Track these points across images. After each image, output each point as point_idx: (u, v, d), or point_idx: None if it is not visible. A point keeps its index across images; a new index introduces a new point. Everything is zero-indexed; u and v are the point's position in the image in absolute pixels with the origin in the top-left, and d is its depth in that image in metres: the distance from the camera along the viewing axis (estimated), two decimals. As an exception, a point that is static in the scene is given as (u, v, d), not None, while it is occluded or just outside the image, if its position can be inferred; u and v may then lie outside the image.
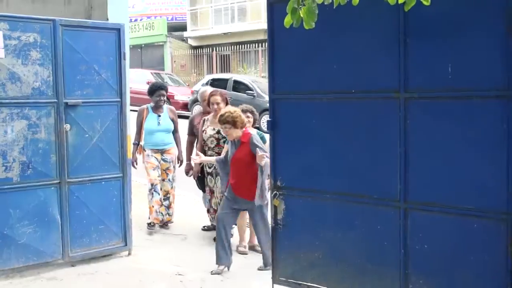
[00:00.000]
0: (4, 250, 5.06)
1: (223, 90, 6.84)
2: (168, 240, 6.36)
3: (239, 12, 27.64)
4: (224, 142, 6.14)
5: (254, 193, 5.21)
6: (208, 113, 6.51)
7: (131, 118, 6.02)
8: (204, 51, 27.97)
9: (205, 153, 6.20)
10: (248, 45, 26.02)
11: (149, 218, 6.60)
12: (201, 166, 6.42)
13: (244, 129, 5.36)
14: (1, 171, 5.02)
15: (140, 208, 6.85)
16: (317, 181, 4.22)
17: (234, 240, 5.95)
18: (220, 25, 28.18)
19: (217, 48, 27.05)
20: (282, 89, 4.37)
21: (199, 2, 29.06)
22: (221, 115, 5.33)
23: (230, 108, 5.53)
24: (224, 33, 27.79)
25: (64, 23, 5.31)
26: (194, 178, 6.60)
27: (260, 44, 25.47)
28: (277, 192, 4.41)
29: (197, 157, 5.79)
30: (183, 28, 29.63)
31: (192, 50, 28.78)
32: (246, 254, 5.95)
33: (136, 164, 6.76)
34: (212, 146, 6.28)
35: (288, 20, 3.42)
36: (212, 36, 28.39)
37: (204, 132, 6.33)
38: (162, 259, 5.68)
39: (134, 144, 6.69)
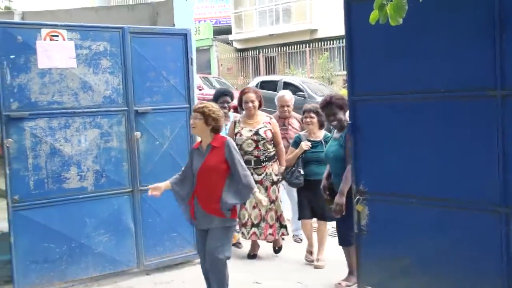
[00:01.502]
0: (82, 259, 5.07)
1: (255, 88, 6.35)
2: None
3: (283, 13, 27.51)
4: (263, 144, 5.71)
5: (218, 208, 4.30)
6: (284, 118, 6.33)
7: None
8: (249, 54, 27.94)
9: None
10: (294, 46, 25.86)
11: None
12: None
13: (216, 133, 4.40)
14: (76, 180, 5.03)
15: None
16: (402, 185, 4.02)
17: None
18: (265, 27, 28.10)
19: (263, 50, 26.98)
20: (363, 90, 4.20)
21: (243, 5, 29.07)
22: (201, 103, 4.46)
23: (215, 105, 4.54)
24: (269, 35, 27.70)
25: (132, 30, 5.29)
26: None
27: (307, 45, 25.30)
28: (360, 197, 4.24)
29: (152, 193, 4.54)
30: (227, 31, 29.70)
31: (238, 53, 28.79)
32: (322, 268, 5.55)
33: None
34: (250, 149, 5.70)
35: (374, 17, 3.28)
36: (257, 38, 28.34)
37: (239, 134, 5.75)
38: (236, 266, 5.59)
39: None
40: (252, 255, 5.99)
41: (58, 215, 4.96)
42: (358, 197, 4.24)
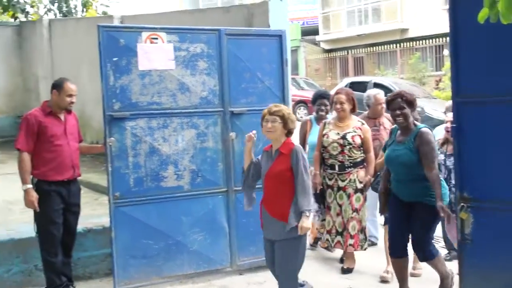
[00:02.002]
0: (178, 256, 5.18)
1: (349, 90, 5.76)
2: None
3: (373, 12, 27.01)
4: (350, 149, 5.37)
5: (285, 214, 4.07)
6: (375, 118, 6.03)
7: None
8: (337, 54, 27.68)
9: (324, 163, 5.53)
10: (384, 46, 25.33)
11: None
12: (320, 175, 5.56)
13: (288, 137, 4.21)
14: (173, 179, 5.15)
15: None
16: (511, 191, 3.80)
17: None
18: (354, 27, 27.73)
19: (351, 51, 26.63)
20: (469, 91, 3.98)
21: (330, 5, 28.83)
22: (276, 105, 4.22)
23: (288, 108, 4.38)
24: (358, 35, 27.30)
25: (228, 32, 5.35)
26: (315, 192, 5.53)
27: (397, 45, 24.69)
28: (464, 204, 4.03)
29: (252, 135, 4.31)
30: (314, 32, 29.56)
31: (325, 54, 28.59)
32: (388, 282, 5.19)
33: None
34: (335, 153, 5.39)
35: (483, 15, 3.09)
36: (345, 39, 28.01)
37: (326, 136, 5.49)
38: (325, 271, 5.54)
39: None
40: (346, 269, 5.52)
41: (156, 212, 5.10)
42: (462, 204, 4.04)
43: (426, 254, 4.56)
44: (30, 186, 4.47)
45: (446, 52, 22.63)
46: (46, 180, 4.55)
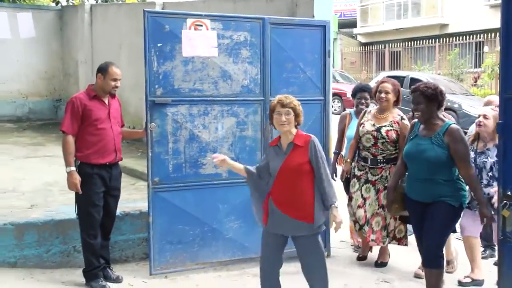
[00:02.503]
0: (213, 243, 5.21)
1: (395, 81, 5.42)
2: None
3: (412, 6, 26.60)
4: (383, 143, 5.13)
5: (310, 215, 3.87)
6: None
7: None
8: (373, 48, 27.36)
9: (358, 154, 5.38)
10: (421, 41, 24.93)
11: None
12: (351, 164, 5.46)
13: (297, 128, 4.04)
14: (211, 167, 5.15)
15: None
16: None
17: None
18: (392, 21, 27.38)
19: (388, 45, 26.29)
20: (517, 87, 3.89)
21: (370, -2, 28.51)
22: (286, 97, 3.98)
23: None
24: (396, 29, 26.94)
25: (273, 21, 5.31)
26: (341, 179, 5.71)
27: (436, 40, 24.28)
28: (507, 202, 3.94)
29: (216, 156, 4.20)
30: (352, 24, 29.30)
31: (362, 47, 28.30)
32: (422, 278, 4.96)
33: (336, 176, 5.92)
34: (368, 145, 5.20)
35: None
36: (382, 32, 27.70)
37: (362, 125, 5.28)
38: (359, 264, 5.50)
39: (334, 153, 6.02)
40: (361, 257, 5.62)
41: (193, 199, 5.12)
42: (505, 201, 3.95)
43: (436, 260, 4.25)
44: (73, 168, 4.52)
45: (486, 49, 22.19)
46: (89, 163, 4.59)
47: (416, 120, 4.39)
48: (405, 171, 4.47)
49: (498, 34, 20.56)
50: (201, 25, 5.04)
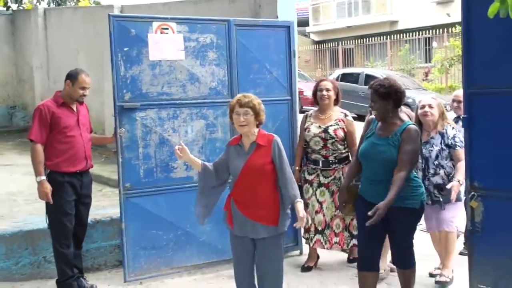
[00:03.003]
0: (187, 247, 5.19)
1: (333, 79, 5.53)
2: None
3: (363, 4, 27.09)
4: (332, 143, 5.07)
5: (273, 216, 3.77)
6: None
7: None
8: (327, 46, 27.72)
9: (306, 158, 5.26)
10: (373, 38, 25.44)
11: None
12: (300, 171, 5.28)
13: (259, 128, 3.88)
14: (182, 170, 5.15)
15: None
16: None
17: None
18: (343, 19, 27.82)
19: (341, 42, 26.69)
20: (480, 82, 4.03)
21: (321, -3, 28.88)
22: (244, 96, 3.83)
23: (255, 96, 3.90)
24: (348, 27, 27.38)
25: (238, 23, 5.34)
26: None
27: (386, 37, 24.80)
28: (475, 193, 4.09)
29: (179, 148, 3.89)
30: (304, 23, 29.55)
31: (315, 45, 28.64)
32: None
33: None
34: (318, 148, 5.11)
35: (493, 10, 3.12)
36: (334, 30, 28.09)
37: (307, 130, 5.17)
38: (332, 260, 5.58)
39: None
40: (306, 267, 5.29)
41: (166, 203, 5.10)
42: (472, 193, 4.10)
43: (408, 261, 4.20)
44: (44, 177, 4.43)
45: (435, 44, 22.81)
46: (59, 171, 4.51)
47: (373, 116, 4.25)
48: (359, 170, 4.25)
49: (445, 30, 21.21)
50: (167, 28, 5.02)
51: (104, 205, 5.93)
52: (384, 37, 24.96)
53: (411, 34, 23.94)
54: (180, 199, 5.13)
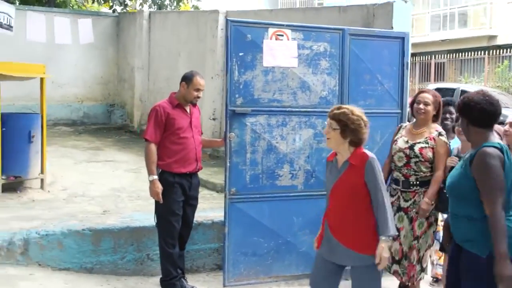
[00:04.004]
0: (287, 257, 5.12)
1: (436, 92, 4.70)
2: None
3: (459, 17, 26.17)
4: (416, 163, 4.43)
5: (367, 243, 3.45)
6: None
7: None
8: (417, 59, 26.95)
9: (390, 176, 4.68)
10: (468, 52, 24.47)
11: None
12: None
13: (357, 147, 3.56)
14: (287, 178, 5.09)
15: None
16: None
17: None
18: (437, 32, 26.97)
19: (433, 56, 25.87)
20: None
21: (415, 8, 28.12)
22: (337, 107, 3.58)
23: (358, 110, 3.58)
24: (442, 40, 26.53)
25: (352, 32, 5.24)
26: None
27: (483, 52, 23.79)
28: None
29: None
30: (396, 35, 28.92)
31: (406, 58, 27.92)
32: None
33: None
34: (400, 165, 4.51)
35: None
36: (427, 43, 27.27)
37: (395, 142, 4.64)
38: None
39: None
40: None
41: (269, 210, 5.05)
42: None
43: None
44: (156, 177, 4.51)
45: (537, 62, 21.66)
46: (170, 171, 4.58)
47: None
48: None
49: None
50: (282, 35, 4.99)
51: (204, 207, 5.98)
52: (481, 52, 23.94)
53: (510, 50, 22.84)
54: (283, 208, 5.09)
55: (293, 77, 5.06)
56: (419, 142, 4.47)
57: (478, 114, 3.23)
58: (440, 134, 4.50)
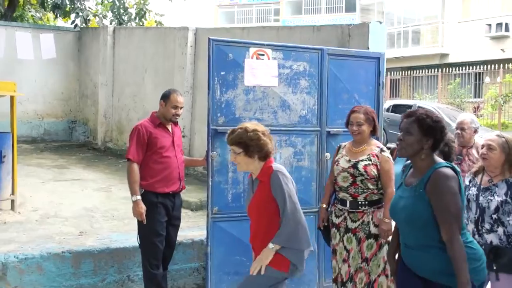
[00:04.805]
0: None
1: (369, 108, 4.60)
2: None
3: (413, 36, 26.98)
4: (362, 181, 4.28)
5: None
6: (463, 147, 5.48)
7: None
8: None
9: (335, 197, 4.55)
10: (421, 70, 25.23)
11: None
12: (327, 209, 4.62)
13: (266, 160, 3.53)
14: (268, 197, 5.09)
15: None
16: None
17: None
18: (392, 49, 27.68)
19: (389, 73, 26.55)
20: None
21: (369, 26, 28.87)
22: (231, 132, 3.57)
23: (252, 124, 3.60)
24: (396, 57, 27.24)
25: (331, 52, 5.32)
26: (319, 228, 4.68)
27: (436, 69, 24.57)
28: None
29: None
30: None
31: (361, 74, 28.50)
32: None
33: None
34: (346, 185, 4.34)
35: None
36: (382, 60, 27.93)
37: (336, 163, 4.48)
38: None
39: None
40: None
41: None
42: None
43: None
44: (139, 197, 4.44)
45: (488, 79, 22.49)
46: (154, 191, 4.52)
47: (408, 162, 3.33)
48: None
49: (500, 65, 20.89)
50: (263, 54, 5.03)
51: (182, 226, 5.91)
52: (434, 69, 24.73)
53: (462, 68, 23.67)
54: (264, 226, 5.09)
55: (273, 96, 5.10)
56: (362, 160, 4.35)
57: (441, 138, 3.10)
58: (382, 150, 4.39)
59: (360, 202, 4.32)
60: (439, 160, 3.12)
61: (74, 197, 6.97)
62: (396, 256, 3.41)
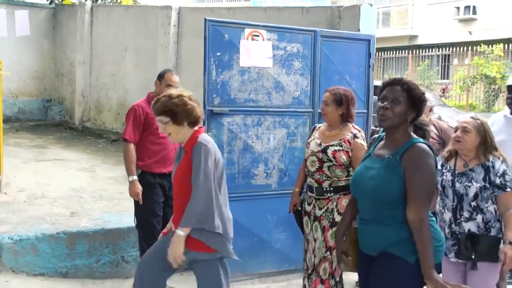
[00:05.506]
0: (261, 254, 5.20)
1: (341, 89, 4.24)
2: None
3: (383, 17, 27.15)
4: (330, 167, 4.00)
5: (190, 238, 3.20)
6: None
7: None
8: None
9: (305, 179, 4.31)
10: (391, 51, 25.47)
11: None
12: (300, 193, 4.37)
13: (196, 126, 3.29)
14: (262, 177, 5.16)
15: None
16: None
17: None
18: (362, 30, 27.87)
19: (359, 54, 26.76)
20: None
21: (340, 7, 28.95)
22: (155, 101, 3.25)
23: (177, 90, 3.34)
24: (366, 39, 27.44)
25: (323, 34, 5.37)
26: (291, 211, 4.40)
27: (406, 51, 24.85)
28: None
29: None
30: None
31: (332, 55, 28.63)
32: None
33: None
34: (313, 170, 4.08)
35: None
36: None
37: (308, 145, 4.24)
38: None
39: None
40: None
41: (245, 209, 5.07)
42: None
43: None
44: (136, 177, 4.43)
45: (456, 61, 22.89)
46: (150, 172, 4.51)
47: (377, 135, 3.13)
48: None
49: (467, 48, 21.27)
50: (257, 35, 5.04)
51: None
52: (403, 51, 24.99)
53: (430, 49, 24.00)
54: (258, 206, 5.16)
55: (268, 77, 5.12)
56: (332, 145, 4.05)
57: (422, 104, 2.88)
58: (355, 136, 4.09)
59: (325, 189, 4.05)
60: (416, 136, 2.92)
61: (59, 178, 6.89)
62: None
